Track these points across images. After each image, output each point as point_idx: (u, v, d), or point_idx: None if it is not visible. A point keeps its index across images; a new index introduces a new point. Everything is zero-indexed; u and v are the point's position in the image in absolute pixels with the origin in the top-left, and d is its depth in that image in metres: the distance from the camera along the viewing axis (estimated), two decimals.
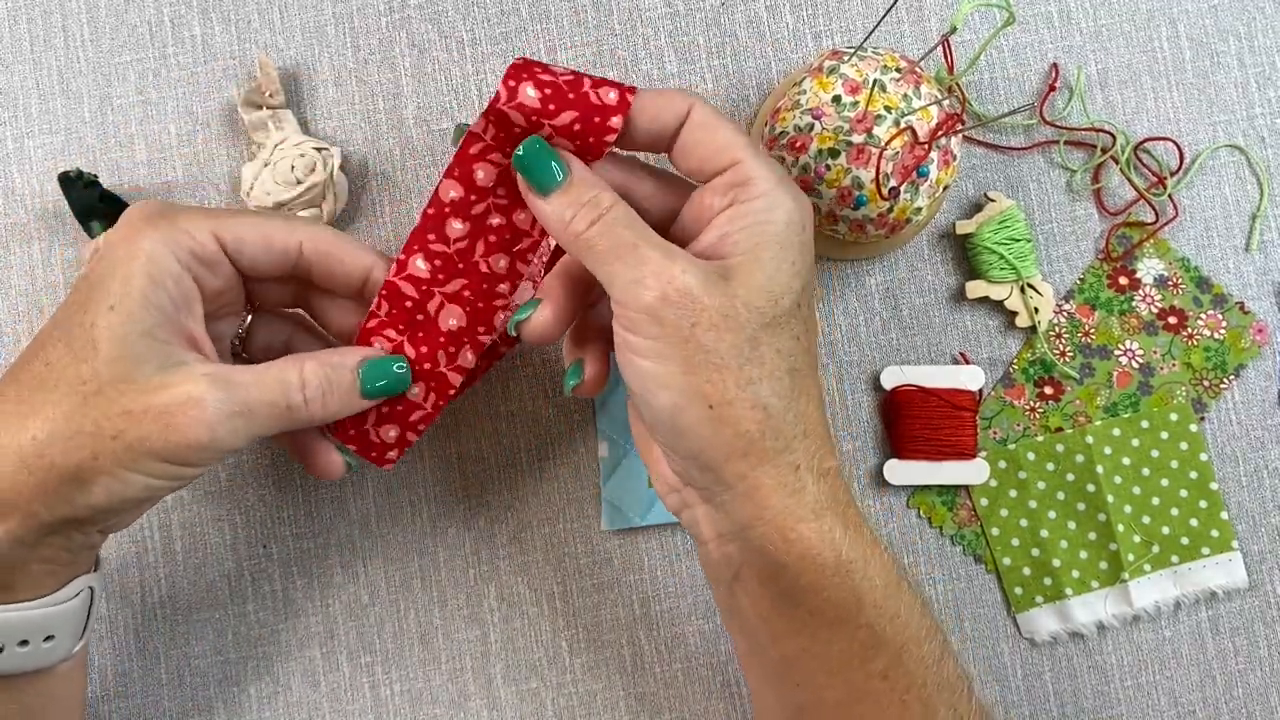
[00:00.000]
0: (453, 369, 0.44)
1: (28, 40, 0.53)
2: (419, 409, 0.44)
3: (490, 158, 0.41)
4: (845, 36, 0.54)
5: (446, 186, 0.41)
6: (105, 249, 0.38)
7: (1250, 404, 0.53)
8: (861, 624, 0.38)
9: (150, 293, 0.37)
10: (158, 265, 0.37)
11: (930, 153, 0.45)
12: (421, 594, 0.52)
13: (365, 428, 0.44)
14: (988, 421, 0.53)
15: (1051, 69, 0.54)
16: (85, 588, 0.40)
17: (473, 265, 0.43)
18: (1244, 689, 0.52)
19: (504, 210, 0.42)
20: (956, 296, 0.53)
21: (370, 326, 0.43)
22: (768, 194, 0.38)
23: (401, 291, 0.43)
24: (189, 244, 0.39)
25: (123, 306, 0.37)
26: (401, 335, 0.44)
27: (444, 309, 0.43)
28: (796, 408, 0.38)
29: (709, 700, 0.52)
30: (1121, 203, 0.53)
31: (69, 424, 0.36)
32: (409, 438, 0.45)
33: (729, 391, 0.36)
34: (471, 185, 0.41)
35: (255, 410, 0.38)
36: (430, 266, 0.43)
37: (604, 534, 0.52)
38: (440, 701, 0.51)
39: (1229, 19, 0.54)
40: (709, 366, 0.36)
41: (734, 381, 0.36)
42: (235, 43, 0.53)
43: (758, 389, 0.36)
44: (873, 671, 0.39)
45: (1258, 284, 0.53)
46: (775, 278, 0.37)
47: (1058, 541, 0.52)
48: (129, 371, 0.36)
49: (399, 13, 0.53)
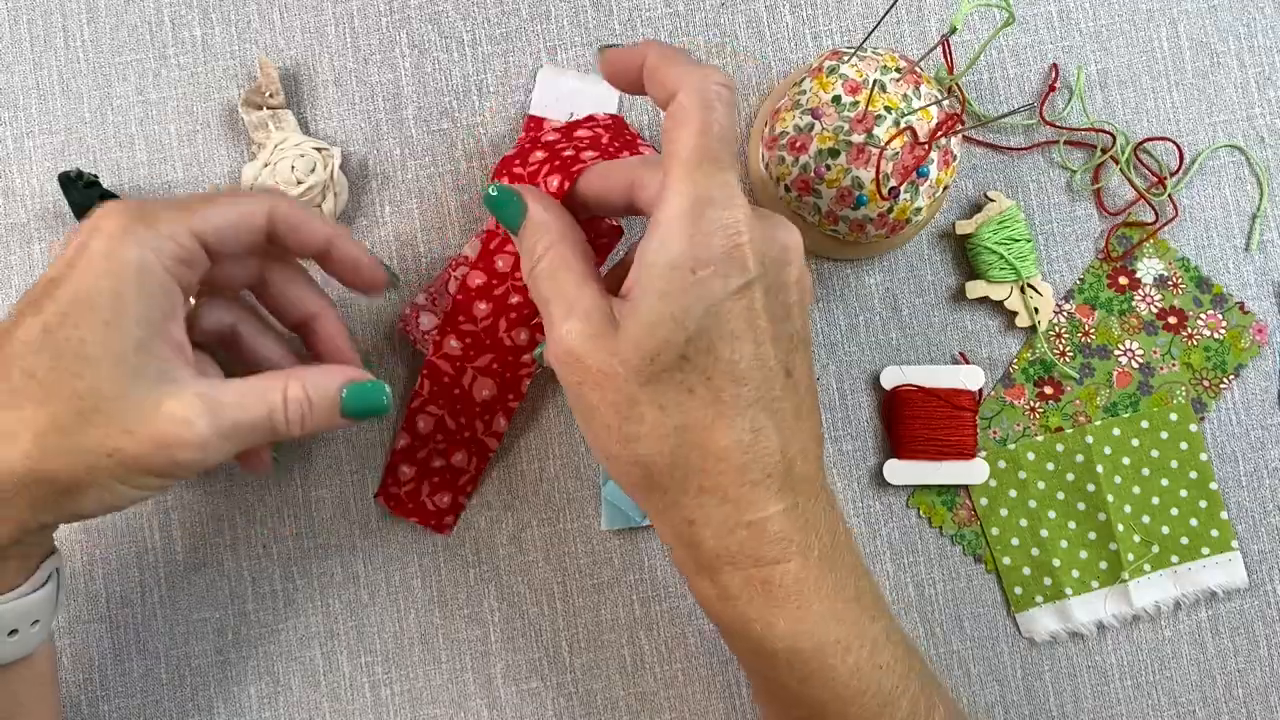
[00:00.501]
0: (489, 435, 0.50)
1: (28, 40, 0.53)
2: (464, 473, 0.50)
3: (507, 249, 0.48)
4: (845, 36, 0.54)
5: (473, 276, 0.48)
6: (84, 255, 0.37)
7: (1250, 404, 0.53)
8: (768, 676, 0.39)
9: (143, 307, 0.37)
10: (147, 277, 0.37)
11: (930, 153, 0.45)
12: (421, 594, 0.52)
13: (421, 499, 0.50)
14: (987, 421, 0.53)
15: (1051, 69, 0.54)
16: (52, 569, 0.41)
17: (498, 340, 0.49)
18: (1244, 689, 0.52)
19: (521, 290, 0.48)
20: (956, 296, 0.53)
21: (415, 406, 0.50)
22: (659, 228, 0.35)
23: (439, 369, 0.49)
24: (173, 250, 0.38)
25: (117, 323, 0.36)
26: (442, 410, 0.50)
27: (476, 381, 0.49)
28: (689, 464, 0.36)
29: (709, 700, 0.52)
30: (1121, 203, 0.53)
31: (66, 440, 0.36)
32: (460, 501, 0.51)
33: (611, 448, 0.37)
34: (493, 272, 0.48)
35: (241, 431, 0.38)
36: (462, 345, 0.49)
37: (604, 534, 0.52)
38: (440, 701, 0.51)
39: (1229, 19, 0.54)
40: (596, 423, 0.37)
41: (615, 439, 0.37)
42: (235, 43, 0.53)
43: (636, 447, 0.36)
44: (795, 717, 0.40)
45: (1258, 284, 0.53)
46: (651, 333, 0.35)
47: (1057, 541, 0.52)
48: (125, 389, 0.36)
49: (399, 13, 0.53)
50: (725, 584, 0.37)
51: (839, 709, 0.38)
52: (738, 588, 0.37)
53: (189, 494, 0.51)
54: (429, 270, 0.52)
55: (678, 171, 0.35)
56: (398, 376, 0.52)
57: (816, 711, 0.38)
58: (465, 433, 0.50)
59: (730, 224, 0.35)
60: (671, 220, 0.35)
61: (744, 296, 0.36)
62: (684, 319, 0.35)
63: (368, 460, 0.52)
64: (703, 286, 0.35)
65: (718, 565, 0.37)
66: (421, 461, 0.50)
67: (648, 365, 0.36)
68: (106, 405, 0.36)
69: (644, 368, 0.36)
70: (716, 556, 0.37)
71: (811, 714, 0.39)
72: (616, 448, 0.37)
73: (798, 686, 0.38)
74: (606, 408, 0.36)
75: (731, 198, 0.36)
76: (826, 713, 0.38)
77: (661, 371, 0.36)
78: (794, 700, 0.39)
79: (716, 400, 0.36)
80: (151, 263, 0.37)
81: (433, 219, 0.53)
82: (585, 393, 0.37)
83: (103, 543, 0.51)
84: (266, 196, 0.41)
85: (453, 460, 0.50)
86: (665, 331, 0.35)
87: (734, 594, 0.37)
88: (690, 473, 0.37)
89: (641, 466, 0.37)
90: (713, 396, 0.36)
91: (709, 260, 0.35)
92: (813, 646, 0.38)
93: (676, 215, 0.35)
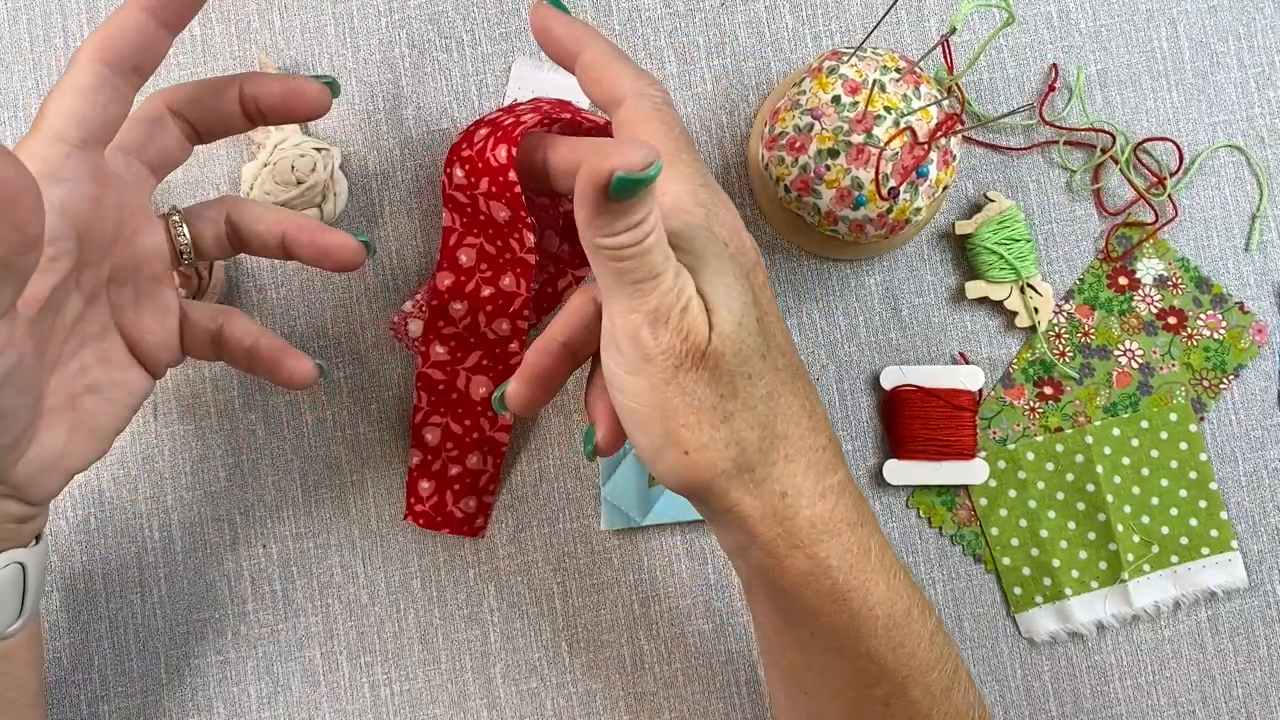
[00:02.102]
0: (498, 430, 0.50)
1: (28, 40, 0.53)
2: (484, 473, 0.50)
3: (466, 242, 0.47)
4: (845, 37, 0.54)
5: (441, 277, 0.47)
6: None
7: (1250, 404, 0.53)
8: (860, 651, 0.37)
9: None
10: None
11: (930, 153, 0.45)
12: (421, 594, 0.52)
13: (448, 510, 0.50)
14: (987, 421, 0.53)
15: (1051, 69, 0.54)
16: (13, 562, 0.38)
17: (481, 336, 0.49)
18: (1243, 689, 0.52)
19: (490, 281, 0.47)
20: (956, 296, 0.53)
21: (418, 421, 0.50)
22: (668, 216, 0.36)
23: (432, 378, 0.49)
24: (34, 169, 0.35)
25: None
26: (445, 417, 0.50)
27: (471, 381, 0.49)
28: (777, 432, 0.36)
29: (709, 700, 0.52)
30: (1121, 203, 0.53)
31: None
32: (486, 501, 0.51)
33: (704, 434, 0.35)
34: (459, 269, 0.47)
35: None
36: (447, 348, 0.49)
37: (603, 534, 0.52)
38: (440, 701, 0.51)
39: (1229, 19, 0.54)
40: (686, 410, 0.35)
41: (709, 423, 0.35)
42: (235, 43, 0.53)
43: (733, 426, 0.35)
44: (874, 697, 0.38)
45: (1257, 284, 0.53)
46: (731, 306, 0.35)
47: (1057, 541, 0.52)
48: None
49: (399, 13, 0.53)
50: (825, 556, 0.36)
51: (921, 678, 0.38)
52: (837, 557, 0.36)
53: (189, 494, 0.52)
54: (429, 270, 0.52)
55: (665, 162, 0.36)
56: (396, 379, 0.52)
57: (898, 687, 0.38)
58: (473, 434, 0.50)
59: (728, 208, 0.37)
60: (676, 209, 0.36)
61: (761, 271, 0.37)
62: (750, 289, 0.36)
63: (367, 460, 0.52)
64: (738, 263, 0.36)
65: (815, 536, 0.36)
66: (438, 473, 0.50)
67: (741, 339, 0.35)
68: None
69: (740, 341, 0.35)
70: (812, 526, 0.36)
71: (893, 690, 0.38)
72: (709, 434, 0.35)
73: (890, 657, 0.37)
74: (705, 391, 0.34)
75: (713, 184, 0.37)
76: (909, 685, 0.38)
77: (749, 345, 0.35)
78: (879, 676, 0.38)
79: (776, 369, 0.36)
80: None
81: (433, 219, 0.53)
82: (682, 377, 0.34)
83: (103, 543, 0.51)
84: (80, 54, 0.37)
85: (468, 464, 0.50)
86: (741, 305, 0.35)
87: (833, 565, 0.36)
88: (777, 441, 0.36)
89: (738, 445, 0.35)
90: (773, 366, 0.36)
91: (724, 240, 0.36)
92: (904, 609, 0.38)
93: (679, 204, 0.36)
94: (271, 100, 0.41)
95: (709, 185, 0.37)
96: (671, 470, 0.36)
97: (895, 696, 0.38)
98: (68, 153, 0.36)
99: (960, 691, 0.39)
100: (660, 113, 0.37)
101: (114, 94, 0.37)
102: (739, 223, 0.38)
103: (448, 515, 0.50)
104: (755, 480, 0.36)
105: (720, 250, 0.36)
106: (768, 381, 0.36)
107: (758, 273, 0.38)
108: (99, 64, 0.36)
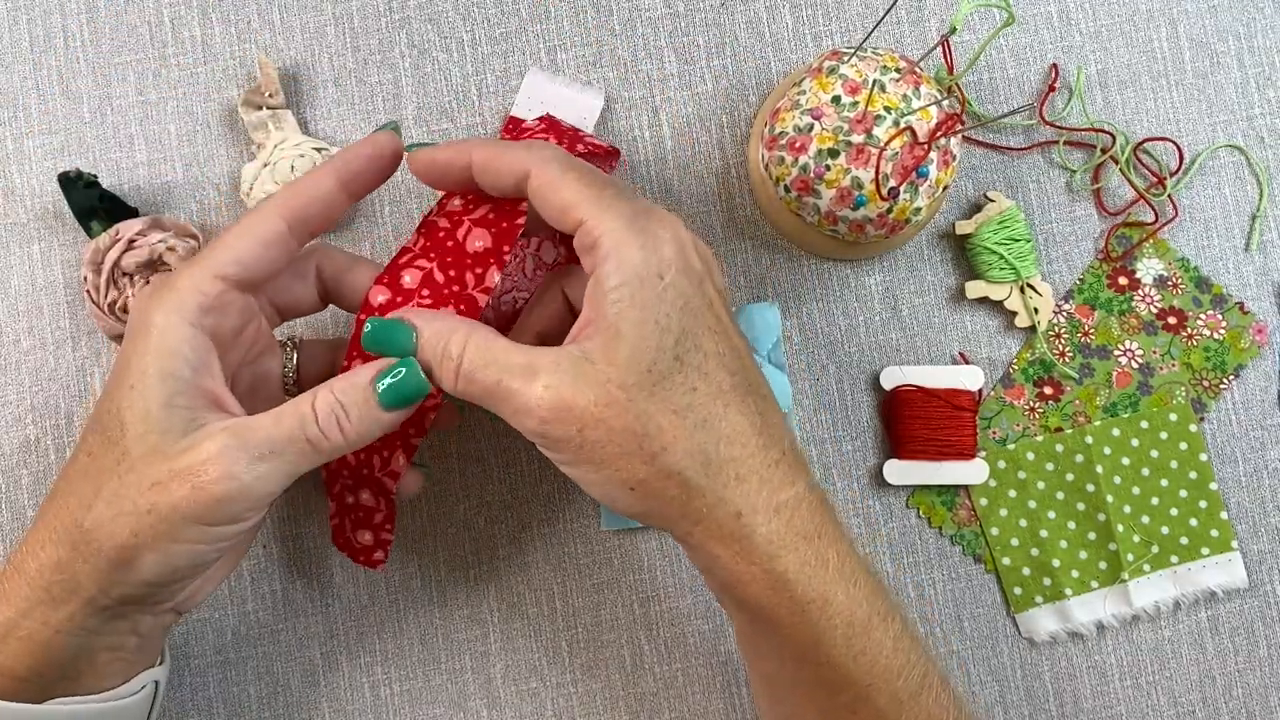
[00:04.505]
0: (385, 474, 0.44)
1: (27, 40, 0.53)
2: (378, 511, 0.45)
3: (416, 264, 0.42)
4: (845, 37, 0.54)
5: (375, 292, 0.42)
6: (126, 335, 0.39)
7: (1250, 404, 0.53)
8: (822, 660, 0.38)
9: (165, 364, 0.37)
10: (167, 335, 0.38)
11: (930, 153, 0.45)
12: (421, 594, 0.52)
13: (348, 535, 0.46)
14: (987, 421, 0.53)
15: (1051, 69, 0.54)
16: (150, 681, 0.41)
17: None
18: (1243, 689, 0.52)
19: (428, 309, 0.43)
20: (956, 296, 0.53)
21: None
22: (611, 253, 0.36)
23: None
24: (194, 301, 0.38)
25: (141, 384, 0.37)
26: None
27: None
28: (720, 456, 0.37)
29: (709, 700, 0.52)
30: (1121, 203, 0.53)
31: (110, 507, 0.36)
32: (385, 538, 0.46)
33: (638, 471, 0.36)
34: (399, 289, 0.42)
35: (280, 450, 0.37)
36: None
37: (604, 534, 0.52)
38: (440, 701, 0.51)
39: (1229, 19, 0.54)
40: (610, 458, 0.36)
41: (640, 460, 0.36)
42: (235, 43, 0.53)
43: (667, 459, 0.36)
44: (840, 704, 0.39)
45: (1257, 284, 0.53)
46: (640, 345, 0.36)
47: (1057, 541, 0.52)
48: (156, 445, 0.37)
49: (399, 13, 0.53)
50: (782, 571, 0.37)
51: (885, 685, 0.38)
52: (795, 570, 0.37)
53: None
54: None
55: (590, 209, 0.37)
56: None
57: (862, 694, 0.38)
58: (364, 470, 0.45)
59: (669, 228, 0.37)
60: (619, 243, 0.36)
61: (704, 289, 0.38)
62: (667, 323, 0.36)
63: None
64: (673, 289, 0.36)
65: (773, 552, 0.37)
66: (338, 496, 0.46)
67: (647, 376, 0.36)
68: (139, 464, 0.36)
69: (644, 380, 0.36)
70: (769, 542, 0.37)
71: (857, 697, 0.38)
72: (644, 470, 0.36)
73: (851, 664, 0.38)
74: (619, 436, 0.36)
75: (651, 209, 0.38)
76: (873, 693, 0.38)
77: (662, 379, 0.36)
78: (843, 682, 0.38)
79: (720, 391, 0.37)
80: (171, 322, 0.38)
81: None
82: (589, 436, 0.36)
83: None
84: (270, 206, 0.40)
85: (360, 498, 0.45)
86: (654, 339, 0.36)
87: (791, 578, 0.37)
88: (724, 463, 0.37)
89: (679, 477, 0.36)
90: (715, 389, 0.37)
91: (669, 263, 0.36)
92: (864, 617, 0.38)
93: (620, 238, 0.36)
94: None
95: (647, 212, 0.38)
96: (630, 508, 0.37)
97: (860, 703, 0.38)
98: (223, 290, 0.39)
99: (931, 695, 0.40)
100: (566, 168, 0.38)
101: (284, 250, 0.40)
102: (685, 235, 0.38)
103: (348, 540, 0.47)
104: (707, 505, 0.37)
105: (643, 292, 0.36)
106: (701, 409, 0.37)
107: (707, 284, 0.38)
108: (281, 219, 0.40)
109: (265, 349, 0.44)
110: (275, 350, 0.44)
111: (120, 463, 0.37)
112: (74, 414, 0.52)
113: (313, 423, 0.38)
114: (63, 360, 0.52)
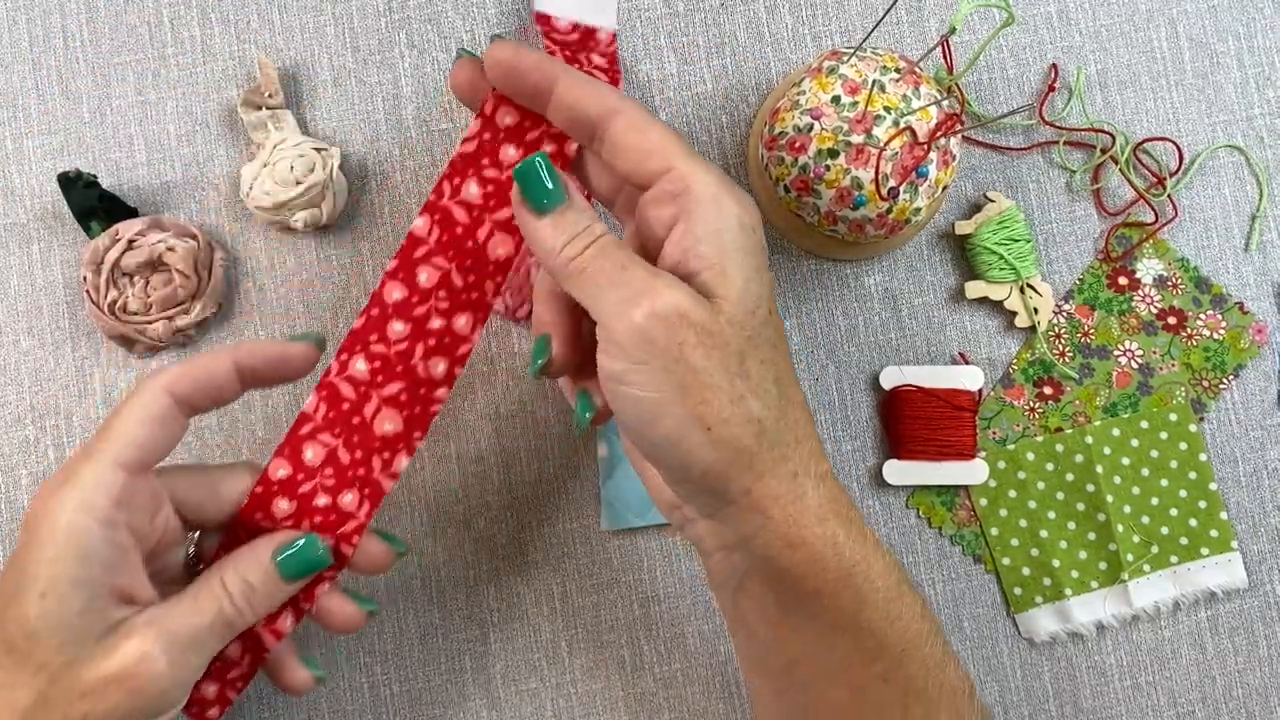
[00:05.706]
0: (386, 475, 0.43)
1: (27, 40, 0.53)
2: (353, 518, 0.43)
3: (434, 261, 0.41)
4: (845, 37, 0.54)
5: (391, 288, 0.41)
6: (25, 527, 0.37)
7: (1249, 404, 0.53)
8: (863, 627, 0.38)
9: (79, 571, 0.36)
10: (77, 538, 0.36)
11: (929, 153, 0.45)
12: (421, 594, 0.52)
13: None
14: (987, 422, 0.53)
15: (1051, 69, 0.54)
16: None
17: (411, 368, 0.43)
18: (1243, 689, 0.52)
19: (445, 314, 0.42)
20: (956, 297, 0.53)
21: (304, 433, 0.43)
22: (708, 200, 0.36)
23: (340, 393, 0.43)
24: (103, 499, 0.37)
25: (54, 592, 0.36)
26: (337, 439, 0.43)
27: (380, 413, 0.43)
28: (787, 416, 0.37)
29: (709, 700, 0.52)
30: (1121, 203, 0.53)
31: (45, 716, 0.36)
32: (344, 551, 0.43)
33: (724, 410, 0.35)
34: (415, 287, 0.41)
35: (202, 638, 0.38)
36: (370, 368, 0.42)
37: (603, 534, 0.52)
38: (440, 701, 0.51)
39: (1228, 19, 0.54)
40: (701, 387, 0.35)
41: (727, 399, 0.35)
42: (235, 43, 0.53)
43: (749, 404, 0.36)
44: (874, 674, 0.39)
45: (1257, 284, 0.53)
46: (748, 288, 0.36)
47: (1057, 541, 0.52)
48: (76, 653, 0.36)
49: (399, 13, 0.53)
50: (833, 533, 0.37)
51: (916, 651, 0.39)
52: (843, 534, 0.38)
53: None
54: None
55: (681, 159, 0.37)
56: None
57: (896, 660, 0.39)
58: (359, 469, 0.43)
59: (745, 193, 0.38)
60: (717, 193, 0.36)
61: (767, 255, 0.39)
62: (761, 276, 0.37)
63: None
64: (761, 245, 0.37)
65: (823, 515, 0.37)
66: (303, 497, 0.43)
67: (750, 319, 0.36)
68: (62, 675, 0.36)
69: (748, 322, 0.36)
70: (820, 506, 0.37)
71: (891, 665, 0.39)
72: (729, 409, 0.35)
73: (889, 629, 0.38)
74: (717, 366, 0.35)
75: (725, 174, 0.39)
76: (905, 659, 0.39)
77: (759, 326, 0.36)
78: (879, 650, 0.38)
79: (784, 354, 0.38)
80: (80, 524, 0.36)
81: None
82: (688, 354, 0.35)
83: None
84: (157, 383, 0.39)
85: (339, 500, 0.43)
86: (756, 286, 0.36)
87: (840, 540, 0.37)
88: (789, 425, 0.37)
89: (757, 424, 0.36)
90: (784, 351, 0.38)
91: (756, 222, 0.37)
92: (895, 583, 0.39)
93: (717, 190, 0.37)
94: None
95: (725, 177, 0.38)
96: (694, 453, 0.36)
97: (894, 671, 0.39)
98: (126, 480, 0.38)
99: (952, 667, 0.40)
100: (652, 118, 0.38)
101: (176, 426, 0.39)
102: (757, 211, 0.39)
103: None
104: (774, 459, 0.37)
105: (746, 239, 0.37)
106: (777, 367, 0.37)
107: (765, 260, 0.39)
108: (168, 394, 0.39)
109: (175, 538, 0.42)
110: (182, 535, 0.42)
111: (37, 675, 0.36)
112: (73, 414, 0.52)
113: (228, 603, 0.39)
114: (62, 360, 0.52)
